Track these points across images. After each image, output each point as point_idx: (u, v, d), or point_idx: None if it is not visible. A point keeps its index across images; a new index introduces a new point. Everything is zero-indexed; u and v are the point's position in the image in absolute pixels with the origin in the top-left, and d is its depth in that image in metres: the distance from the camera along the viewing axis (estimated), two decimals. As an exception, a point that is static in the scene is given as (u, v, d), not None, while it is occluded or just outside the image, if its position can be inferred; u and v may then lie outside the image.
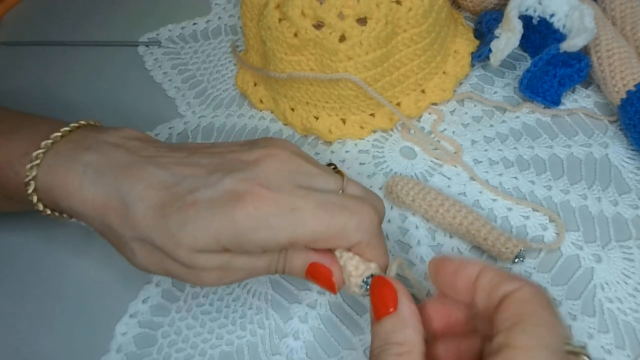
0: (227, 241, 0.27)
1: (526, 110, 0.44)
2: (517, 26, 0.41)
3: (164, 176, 0.29)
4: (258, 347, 0.35)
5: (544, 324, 0.24)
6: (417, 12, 0.40)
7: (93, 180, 0.29)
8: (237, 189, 0.27)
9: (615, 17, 0.45)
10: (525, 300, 0.25)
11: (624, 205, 0.39)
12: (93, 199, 0.29)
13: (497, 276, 0.26)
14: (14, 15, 0.61)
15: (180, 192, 0.28)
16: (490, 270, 0.27)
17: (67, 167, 0.30)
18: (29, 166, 0.30)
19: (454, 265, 0.27)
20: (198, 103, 0.49)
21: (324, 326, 0.36)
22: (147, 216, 0.28)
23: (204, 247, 0.27)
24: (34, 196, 0.31)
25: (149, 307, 0.38)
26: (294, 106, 0.45)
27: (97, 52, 0.55)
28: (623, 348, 0.33)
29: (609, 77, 0.41)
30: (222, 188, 0.28)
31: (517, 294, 0.25)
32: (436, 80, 0.45)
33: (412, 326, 0.26)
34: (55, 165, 0.30)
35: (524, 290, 0.25)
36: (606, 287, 0.35)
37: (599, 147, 0.42)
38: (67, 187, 0.30)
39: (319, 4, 0.39)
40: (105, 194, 0.29)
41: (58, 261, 0.40)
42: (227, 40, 0.54)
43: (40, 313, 0.38)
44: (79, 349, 0.36)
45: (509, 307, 0.25)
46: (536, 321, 0.24)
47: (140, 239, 0.29)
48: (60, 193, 0.30)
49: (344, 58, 0.40)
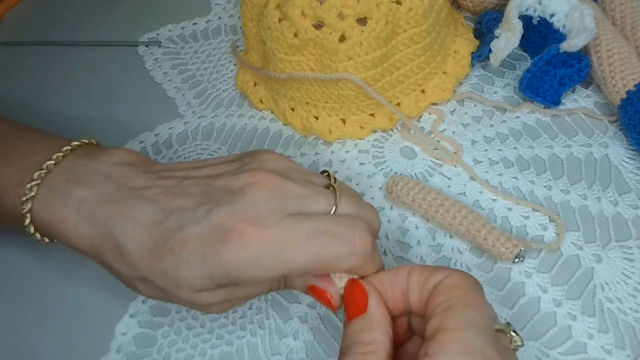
0: (221, 281, 0.27)
1: (526, 110, 0.44)
2: (517, 26, 0.41)
3: (153, 212, 0.29)
4: (258, 347, 0.35)
5: (472, 305, 0.25)
6: (417, 12, 0.40)
7: (87, 219, 0.29)
8: (224, 225, 0.27)
9: (615, 17, 0.45)
10: (454, 285, 0.26)
11: (624, 205, 0.39)
12: (89, 239, 0.30)
13: (425, 271, 0.28)
14: (14, 15, 0.61)
15: (169, 229, 0.28)
16: (417, 269, 0.28)
17: (61, 204, 0.30)
18: (24, 199, 0.30)
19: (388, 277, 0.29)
20: (198, 103, 0.49)
21: (324, 326, 0.36)
22: (142, 258, 0.28)
23: (202, 287, 0.28)
24: (31, 227, 0.31)
25: (149, 307, 0.38)
26: (294, 106, 0.45)
27: (97, 52, 0.55)
28: (623, 348, 0.33)
29: (609, 77, 0.41)
30: (209, 223, 0.27)
31: (446, 281, 0.27)
32: (436, 80, 0.45)
33: (379, 327, 0.27)
34: (50, 201, 0.30)
35: (453, 277, 0.27)
36: (606, 287, 0.35)
37: (599, 147, 0.42)
38: (63, 225, 0.30)
39: (319, 4, 0.39)
40: (100, 236, 0.29)
41: (58, 261, 0.40)
42: (227, 40, 0.54)
43: (40, 313, 0.38)
44: (79, 349, 0.36)
45: (440, 294, 0.26)
46: (465, 303, 0.25)
47: (141, 278, 0.29)
48: (57, 230, 0.30)
49: (344, 58, 0.40)
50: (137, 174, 0.31)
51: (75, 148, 0.33)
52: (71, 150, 0.32)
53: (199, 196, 0.29)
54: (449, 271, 0.27)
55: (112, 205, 0.29)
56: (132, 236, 0.28)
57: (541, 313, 0.35)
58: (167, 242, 0.28)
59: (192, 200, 0.29)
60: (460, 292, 0.26)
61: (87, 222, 0.29)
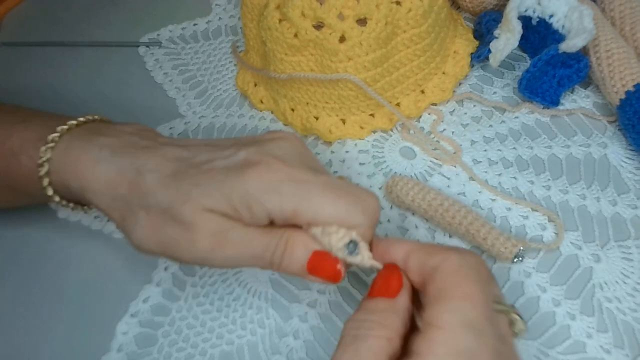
0: (237, 200, 0.27)
1: (525, 111, 0.44)
2: (517, 27, 0.41)
3: (180, 152, 0.30)
4: (258, 347, 0.35)
5: (467, 297, 0.24)
6: (417, 13, 0.40)
7: (108, 158, 0.30)
8: (251, 158, 0.29)
9: (614, 18, 0.45)
10: (450, 272, 0.25)
11: (623, 205, 0.39)
12: (106, 174, 0.30)
13: (424, 253, 0.27)
14: (15, 15, 0.61)
15: (196, 162, 0.29)
16: (417, 249, 0.27)
17: (82, 148, 0.31)
18: (44, 148, 0.31)
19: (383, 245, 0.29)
20: (199, 103, 0.49)
21: (324, 326, 0.36)
22: (159, 183, 0.29)
23: (212, 206, 0.27)
24: (45, 179, 0.31)
25: (150, 306, 0.38)
26: (294, 106, 0.45)
27: (98, 52, 0.55)
28: (622, 347, 0.33)
29: (608, 77, 0.42)
30: (237, 159, 0.29)
31: (443, 267, 0.26)
32: (436, 81, 0.45)
33: (402, 318, 0.26)
34: (70, 147, 0.31)
35: (450, 262, 0.26)
36: (605, 286, 0.35)
37: (598, 147, 0.42)
38: (80, 166, 0.30)
39: (319, 4, 0.39)
40: (119, 169, 0.30)
41: (58, 261, 0.40)
42: (227, 41, 0.54)
43: (41, 313, 0.38)
44: (80, 349, 0.36)
45: (435, 281, 0.25)
46: (460, 295, 0.24)
47: (146, 206, 0.29)
48: (72, 172, 0.31)
49: (344, 58, 0.40)
50: (162, 136, 0.32)
51: (96, 118, 0.34)
52: (92, 119, 0.34)
53: (227, 145, 0.31)
54: (447, 253, 0.26)
55: (139, 148, 0.30)
56: (155, 167, 0.29)
57: (540, 312, 0.35)
58: (190, 169, 0.29)
59: (220, 147, 0.30)
60: (456, 280, 0.25)
61: (106, 160, 0.30)
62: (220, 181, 0.28)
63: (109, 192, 0.30)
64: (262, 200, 0.27)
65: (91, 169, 0.30)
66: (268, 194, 0.27)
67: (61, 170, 0.31)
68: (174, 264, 0.39)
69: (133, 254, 0.40)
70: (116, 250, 0.40)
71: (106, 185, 0.30)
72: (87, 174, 0.30)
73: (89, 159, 0.30)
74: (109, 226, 0.41)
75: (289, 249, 0.29)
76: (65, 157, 0.31)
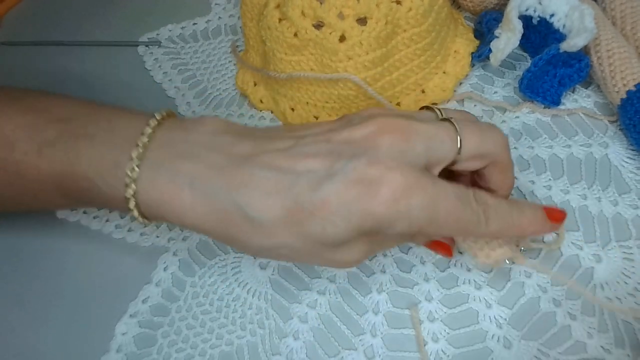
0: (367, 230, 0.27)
1: (526, 110, 0.44)
2: (517, 26, 0.41)
3: (276, 178, 0.27)
4: (258, 347, 0.35)
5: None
6: (417, 12, 0.40)
7: (203, 196, 0.28)
8: (365, 177, 0.26)
9: (615, 17, 0.45)
10: None
11: (624, 205, 0.39)
12: (209, 217, 0.28)
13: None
14: (14, 15, 0.61)
15: (302, 193, 0.27)
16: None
17: (171, 182, 0.28)
18: (128, 181, 0.28)
19: None
20: (198, 103, 0.49)
21: (324, 326, 0.36)
22: (278, 228, 0.27)
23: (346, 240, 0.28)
24: (135, 211, 0.29)
25: (149, 307, 0.38)
26: (294, 106, 0.45)
27: (97, 52, 0.55)
28: (623, 347, 0.33)
29: (609, 77, 0.41)
30: (347, 179, 0.26)
31: None
32: (436, 80, 0.45)
33: None
34: (157, 181, 0.28)
35: None
36: (606, 287, 0.35)
37: (599, 147, 0.42)
38: (176, 205, 0.28)
39: (319, 3, 0.39)
40: (223, 209, 0.28)
41: (58, 261, 0.40)
42: (227, 40, 0.54)
43: (39, 312, 0.38)
44: (79, 349, 0.36)
45: None
46: None
47: (278, 247, 0.28)
48: (169, 210, 0.29)
49: (344, 58, 0.40)
50: (240, 140, 0.29)
51: (161, 121, 0.31)
52: (158, 124, 0.30)
53: (322, 154, 0.28)
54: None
55: (227, 176, 0.28)
56: (260, 207, 0.27)
57: (541, 313, 0.35)
58: (303, 206, 0.26)
59: (316, 160, 0.27)
60: None
61: (204, 199, 0.28)
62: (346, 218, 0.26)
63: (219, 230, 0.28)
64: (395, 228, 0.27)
65: (191, 210, 0.28)
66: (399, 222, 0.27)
67: (153, 205, 0.29)
68: (173, 264, 0.39)
69: (133, 254, 0.40)
70: (115, 251, 0.40)
71: (213, 228, 0.28)
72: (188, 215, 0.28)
73: (183, 199, 0.28)
74: (108, 226, 0.41)
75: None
76: (156, 194, 0.28)
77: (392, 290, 0.37)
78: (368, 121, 0.28)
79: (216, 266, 0.39)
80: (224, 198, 0.27)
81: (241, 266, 0.38)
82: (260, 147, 0.29)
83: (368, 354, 0.34)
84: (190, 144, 0.29)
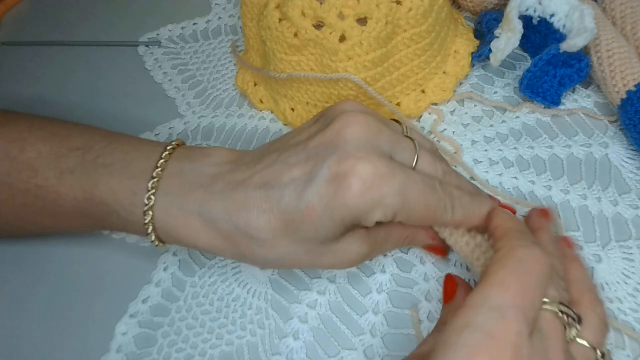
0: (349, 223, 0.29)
1: (526, 110, 0.44)
2: (517, 26, 0.41)
3: (267, 194, 0.30)
4: (258, 347, 0.35)
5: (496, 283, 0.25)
6: (417, 12, 0.40)
7: (210, 220, 0.31)
8: (337, 173, 0.28)
9: (615, 17, 0.45)
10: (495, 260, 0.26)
11: (624, 205, 0.38)
12: (217, 241, 0.31)
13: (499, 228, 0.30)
14: (14, 15, 0.61)
15: (290, 204, 0.29)
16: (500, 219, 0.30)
17: (182, 210, 0.31)
18: (145, 209, 0.31)
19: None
20: (198, 103, 0.49)
21: (324, 326, 0.36)
22: (278, 240, 0.30)
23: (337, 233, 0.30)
24: (153, 235, 0.32)
25: (149, 307, 0.38)
26: (294, 106, 0.45)
27: (97, 52, 0.55)
28: (623, 348, 0.33)
29: (609, 77, 0.41)
30: (323, 179, 0.28)
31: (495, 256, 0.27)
32: (436, 80, 0.45)
33: None
34: (171, 209, 0.31)
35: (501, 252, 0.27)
36: (606, 287, 0.35)
37: (599, 147, 0.42)
38: (188, 231, 0.31)
39: (319, 3, 0.39)
40: (228, 231, 0.30)
41: (58, 261, 0.40)
42: (227, 40, 0.54)
43: (40, 313, 0.38)
44: (79, 349, 0.36)
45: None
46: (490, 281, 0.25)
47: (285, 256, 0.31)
48: (183, 235, 0.32)
49: (344, 58, 0.40)
50: (237, 167, 0.32)
51: (172, 152, 0.34)
52: (170, 155, 0.33)
53: (302, 162, 0.30)
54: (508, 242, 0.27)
55: (228, 201, 0.30)
56: (257, 225, 0.29)
57: (541, 313, 0.35)
58: (293, 216, 0.29)
59: (297, 168, 0.30)
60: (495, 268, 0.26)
61: (211, 224, 0.31)
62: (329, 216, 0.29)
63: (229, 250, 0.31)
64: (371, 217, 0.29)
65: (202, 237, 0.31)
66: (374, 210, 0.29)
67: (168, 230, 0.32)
68: (173, 264, 0.39)
69: (132, 254, 0.40)
70: (115, 251, 0.40)
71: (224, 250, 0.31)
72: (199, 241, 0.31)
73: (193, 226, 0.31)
74: (108, 226, 0.41)
75: None
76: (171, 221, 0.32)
77: (392, 290, 0.37)
78: (335, 119, 0.30)
79: (216, 266, 0.39)
80: (227, 221, 0.30)
81: (241, 266, 0.38)
82: (252, 169, 0.31)
83: (368, 354, 0.34)
84: (198, 174, 0.32)
